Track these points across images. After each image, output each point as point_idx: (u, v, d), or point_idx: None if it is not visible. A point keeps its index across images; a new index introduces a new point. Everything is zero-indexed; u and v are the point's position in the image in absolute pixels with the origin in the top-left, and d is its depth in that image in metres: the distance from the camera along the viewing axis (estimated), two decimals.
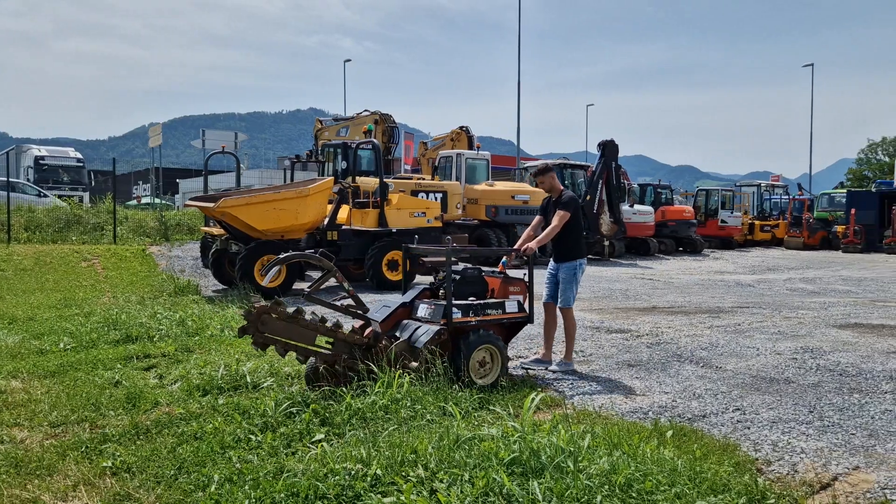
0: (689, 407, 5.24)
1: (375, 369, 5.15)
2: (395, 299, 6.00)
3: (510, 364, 6.06)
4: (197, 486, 3.67)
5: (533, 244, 6.17)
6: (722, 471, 3.70)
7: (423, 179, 18.67)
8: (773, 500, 3.44)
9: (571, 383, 5.92)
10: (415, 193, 16.14)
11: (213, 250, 12.86)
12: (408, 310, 5.87)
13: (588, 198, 20.88)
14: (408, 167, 25.79)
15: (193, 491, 3.64)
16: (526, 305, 6.09)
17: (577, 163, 23.27)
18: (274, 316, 5.05)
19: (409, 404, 4.72)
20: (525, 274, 6.23)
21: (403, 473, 3.53)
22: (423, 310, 5.78)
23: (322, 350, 5.30)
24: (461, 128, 22.92)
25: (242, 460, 3.95)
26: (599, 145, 21.31)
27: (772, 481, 3.78)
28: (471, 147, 21.82)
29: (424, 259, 6.65)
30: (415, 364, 5.31)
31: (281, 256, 5.51)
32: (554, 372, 6.31)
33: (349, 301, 5.73)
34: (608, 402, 5.36)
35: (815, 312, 10.19)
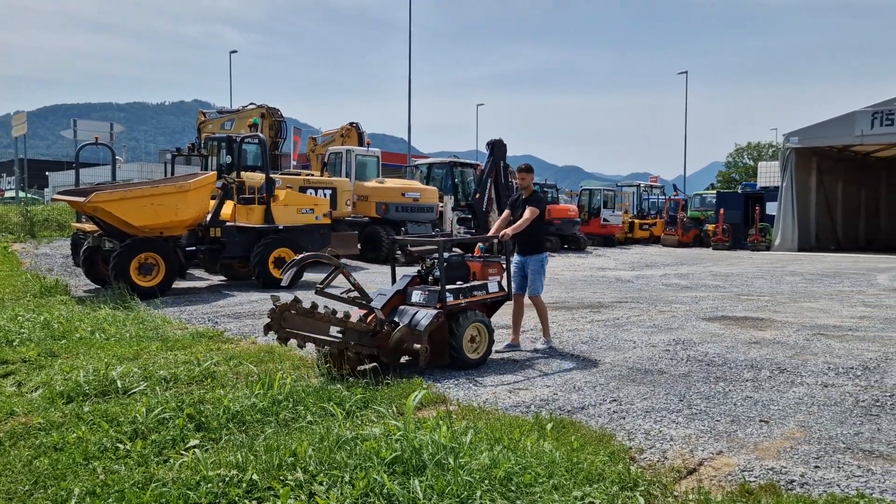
0: (569, 399, 5.39)
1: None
2: (389, 288, 6.49)
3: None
4: (55, 502, 3.40)
5: (509, 230, 6.87)
6: (598, 460, 3.83)
7: (312, 176, 18.32)
8: (643, 487, 3.58)
9: (456, 380, 5.96)
10: (303, 190, 15.79)
11: (84, 248, 12.08)
12: (401, 296, 6.39)
13: (478, 196, 21.20)
14: (295, 163, 25.21)
15: None
16: (504, 284, 6.84)
17: (468, 161, 23.54)
18: (293, 312, 5.56)
19: (290, 406, 4.61)
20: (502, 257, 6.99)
21: (281, 477, 3.42)
22: (416, 296, 6.35)
23: (335, 339, 5.74)
24: (351, 124, 22.63)
25: (108, 471, 3.69)
26: (488, 144, 21.67)
27: (643, 469, 3.94)
28: (361, 144, 21.60)
29: (412, 249, 7.10)
30: (417, 345, 5.84)
31: (297, 258, 5.94)
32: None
33: (355, 293, 6.16)
34: (492, 397, 5.44)
35: (686, 306, 10.79)
